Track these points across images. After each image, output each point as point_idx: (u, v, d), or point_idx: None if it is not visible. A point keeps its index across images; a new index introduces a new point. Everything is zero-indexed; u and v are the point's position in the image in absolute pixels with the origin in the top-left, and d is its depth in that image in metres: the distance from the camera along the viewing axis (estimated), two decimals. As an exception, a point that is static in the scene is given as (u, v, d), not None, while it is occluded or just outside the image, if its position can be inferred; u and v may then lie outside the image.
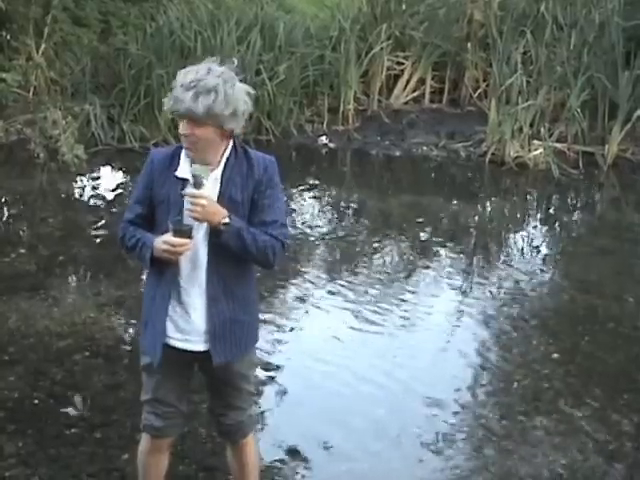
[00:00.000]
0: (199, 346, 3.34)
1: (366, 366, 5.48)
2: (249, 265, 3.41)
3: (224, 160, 3.27)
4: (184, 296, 3.30)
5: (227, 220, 3.18)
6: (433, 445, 4.61)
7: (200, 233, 3.23)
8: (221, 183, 3.25)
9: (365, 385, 5.23)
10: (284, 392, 5.07)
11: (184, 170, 3.26)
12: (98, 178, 9.44)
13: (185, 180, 3.24)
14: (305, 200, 9.12)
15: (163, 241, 3.17)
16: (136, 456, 3.64)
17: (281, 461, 4.41)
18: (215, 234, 3.21)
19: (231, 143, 3.29)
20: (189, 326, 3.32)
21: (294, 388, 5.13)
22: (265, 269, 3.58)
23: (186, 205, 3.20)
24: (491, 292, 6.76)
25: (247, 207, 3.28)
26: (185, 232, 3.16)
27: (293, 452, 4.47)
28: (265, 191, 3.30)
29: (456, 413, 4.94)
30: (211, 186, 3.22)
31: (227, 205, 3.21)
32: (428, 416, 4.89)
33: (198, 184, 3.17)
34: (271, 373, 5.24)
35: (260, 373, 5.07)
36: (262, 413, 4.74)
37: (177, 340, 3.33)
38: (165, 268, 3.27)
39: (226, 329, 3.32)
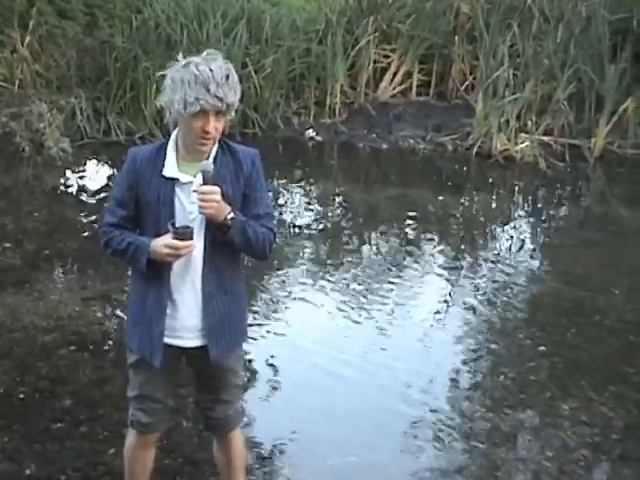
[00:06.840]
0: (192, 342, 3.32)
1: (353, 360, 5.47)
2: (240, 259, 3.41)
3: (213, 155, 3.24)
4: (175, 293, 3.27)
5: (232, 215, 3.16)
6: (420, 438, 4.62)
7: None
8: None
9: (353, 378, 5.23)
10: (271, 386, 5.07)
11: (172, 169, 3.21)
12: (84, 171, 9.41)
13: (174, 180, 3.20)
14: (292, 193, 9.11)
15: (164, 245, 3.13)
16: (122, 451, 3.63)
17: (267, 455, 4.40)
18: (220, 230, 3.17)
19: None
20: (180, 323, 3.29)
21: (281, 382, 5.13)
22: (259, 260, 3.58)
23: (189, 202, 3.17)
24: (477, 285, 6.77)
25: (239, 202, 3.25)
26: (187, 234, 3.12)
27: (280, 446, 4.47)
28: (255, 184, 3.30)
29: (442, 406, 4.95)
30: (202, 182, 3.15)
31: None
32: (415, 409, 4.89)
33: (207, 180, 3.12)
34: (258, 367, 5.24)
35: (247, 367, 5.06)
36: (248, 407, 4.72)
37: (167, 337, 3.30)
38: (158, 268, 3.22)
39: (222, 324, 3.31)
